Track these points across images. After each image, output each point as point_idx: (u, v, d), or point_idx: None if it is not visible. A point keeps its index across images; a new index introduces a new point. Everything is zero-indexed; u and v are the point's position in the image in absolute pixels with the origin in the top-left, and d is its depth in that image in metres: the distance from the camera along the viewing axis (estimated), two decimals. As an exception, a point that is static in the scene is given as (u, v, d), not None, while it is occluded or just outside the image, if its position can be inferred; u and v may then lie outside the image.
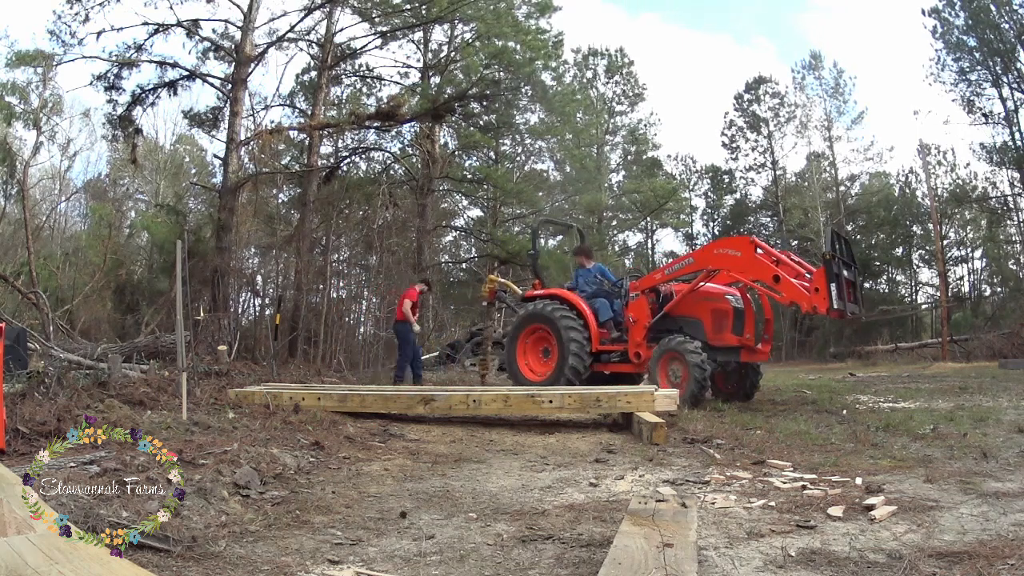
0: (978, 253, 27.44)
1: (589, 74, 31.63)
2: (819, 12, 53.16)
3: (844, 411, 7.24)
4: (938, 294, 23.38)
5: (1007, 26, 21.52)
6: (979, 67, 22.59)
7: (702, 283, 8.15)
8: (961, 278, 27.72)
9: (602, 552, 2.67)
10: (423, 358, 15.11)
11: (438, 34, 20.94)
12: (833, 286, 7.15)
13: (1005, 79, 22.25)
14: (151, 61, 16.37)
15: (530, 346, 9.05)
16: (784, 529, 3.05)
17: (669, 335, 8.04)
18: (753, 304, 8.41)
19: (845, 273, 7.48)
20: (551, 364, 8.68)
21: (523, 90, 19.88)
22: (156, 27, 15.95)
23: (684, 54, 54.13)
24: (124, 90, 16.44)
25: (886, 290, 29.61)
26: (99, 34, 15.77)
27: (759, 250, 7.76)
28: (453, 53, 20.41)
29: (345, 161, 19.96)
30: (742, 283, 8.08)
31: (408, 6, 18.07)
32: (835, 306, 7.14)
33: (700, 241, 32.94)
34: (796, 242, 28.46)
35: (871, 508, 3.27)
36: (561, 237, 24.82)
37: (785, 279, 7.39)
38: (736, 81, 54.46)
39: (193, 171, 28.25)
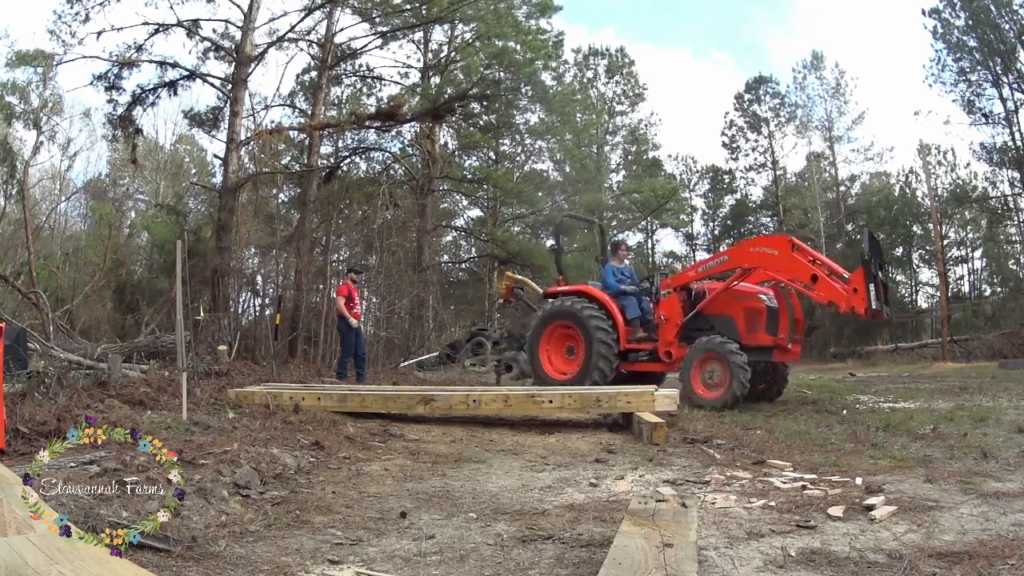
0: (978, 253, 27.45)
1: (589, 74, 31.63)
2: (775, 25, 53.18)
3: (844, 411, 7.24)
4: (938, 294, 23.38)
5: (1007, 26, 21.51)
6: (979, 67, 22.57)
7: (736, 282, 8.00)
8: (961, 278, 27.73)
9: (602, 552, 2.67)
10: (423, 358, 15.12)
11: (438, 34, 21.00)
12: (871, 287, 7.12)
13: (1005, 79, 22.24)
14: (151, 61, 16.43)
15: (554, 344, 8.78)
16: (784, 529, 3.05)
17: (701, 334, 7.88)
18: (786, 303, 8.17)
19: (879, 274, 7.47)
20: (576, 363, 8.48)
21: (523, 90, 19.93)
22: (156, 27, 16.00)
23: (650, 68, 54.30)
24: (124, 90, 16.54)
25: (886, 290, 29.58)
26: (99, 34, 15.86)
27: (796, 249, 7.67)
28: (453, 53, 20.43)
29: (345, 161, 20.01)
30: (774, 282, 7.98)
31: (408, 6, 18.09)
32: (873, 306, 7.12)
33: (700, 241, 32.94)
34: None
35: (871, 508, 3.27)
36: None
37: (823, 279, 7.32)
38: (706, 93, 54.62)
39: (193, 171, 28.18)
